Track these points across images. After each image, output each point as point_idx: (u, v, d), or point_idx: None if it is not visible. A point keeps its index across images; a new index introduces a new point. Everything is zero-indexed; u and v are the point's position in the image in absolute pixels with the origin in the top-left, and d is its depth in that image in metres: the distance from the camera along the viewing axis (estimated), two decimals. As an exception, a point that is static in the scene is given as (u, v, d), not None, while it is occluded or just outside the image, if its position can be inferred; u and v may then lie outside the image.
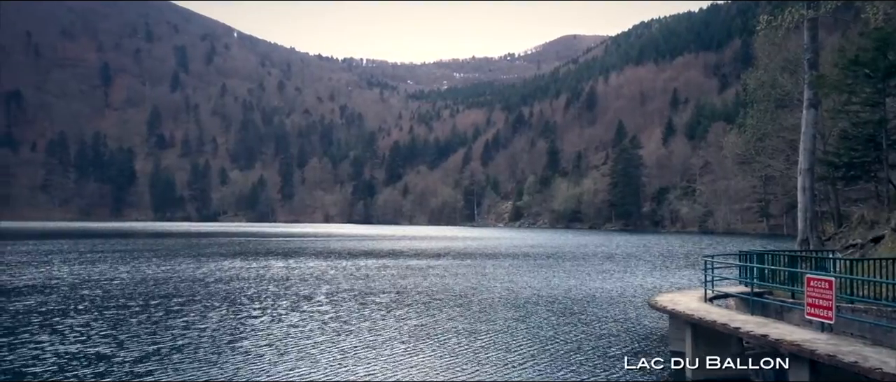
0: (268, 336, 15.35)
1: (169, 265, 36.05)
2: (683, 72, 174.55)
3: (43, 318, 17.59)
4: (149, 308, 19.67)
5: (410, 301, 21.76)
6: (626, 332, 16.66)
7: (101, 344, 14.19)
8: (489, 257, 45.57)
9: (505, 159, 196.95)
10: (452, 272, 33.28)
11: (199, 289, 24.54)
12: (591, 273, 33.38)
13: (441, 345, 14.59)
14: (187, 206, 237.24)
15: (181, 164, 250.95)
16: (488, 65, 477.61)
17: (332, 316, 18.27)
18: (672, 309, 13.53)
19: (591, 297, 23.50)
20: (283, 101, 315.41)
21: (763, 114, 35.47)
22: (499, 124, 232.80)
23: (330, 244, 65.46)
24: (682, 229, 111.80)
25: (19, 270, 31.97)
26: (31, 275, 29.42)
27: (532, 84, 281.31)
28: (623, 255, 48.09)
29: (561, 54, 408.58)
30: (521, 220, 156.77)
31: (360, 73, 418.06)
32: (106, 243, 63.07)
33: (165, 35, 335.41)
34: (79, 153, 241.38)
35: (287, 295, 22.92)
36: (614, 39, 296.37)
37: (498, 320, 18.10)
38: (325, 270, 33.69)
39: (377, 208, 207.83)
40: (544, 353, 13.92)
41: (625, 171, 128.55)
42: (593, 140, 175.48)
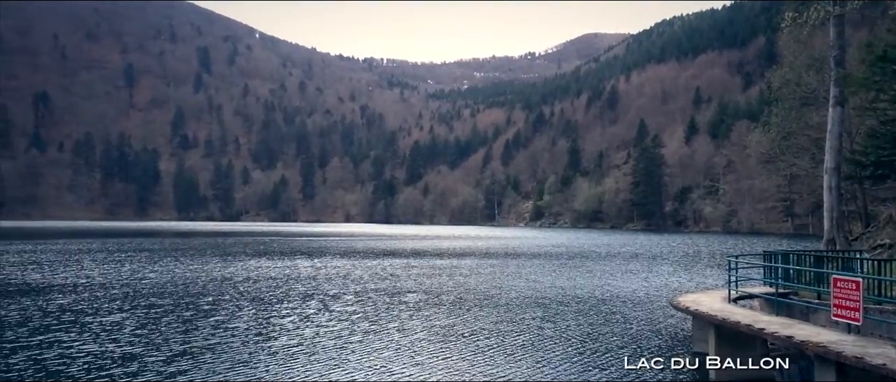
0: (297, 336, 15.39)
1: (196, 264, 36.42)
2: (706, 70, 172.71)
3: (75, 317, 17.82)
4: (179, 307, 19.86)
5: (438, 301, 21.78)
6: (648, 333, 16.56)
7: (133, 344, 14.34)
8: (512, 257, 45.51)
9: (525, 159, 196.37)
10: (477, 271, 33.30)
11: (227, 289, 24.73)
12: (615, 273, 33.21)
13: (470, 345, 14.60)
14: (210, 206, 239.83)
15: (204, 164, 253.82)
16: (509, 64, 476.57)
17: (361, 316, 18.31)
18: (695, 310, 13.42)
19: (614, 297, 23.41)
20: (304, 101, 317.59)
21: (788, 113, 34.97)
22: (519, 123, 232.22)
23: (353, 244, 65.71)
24: (705, 229, 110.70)
25: (51, 269, 32.55)
26: (63, 274, 29.92)
27: (553, 83, 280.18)
28: (646, 255, 47.76)
29: (582, 53, 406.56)
30: (542, 220, 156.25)
31: (381, 73, 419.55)
32: (132, 242, 63.98)
33: (188, 36, 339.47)
34: (104, 153, 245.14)
35: (315, 295, 22.98)
36: (636, 37, 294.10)
37: (524, 320, 18.13)
38: (350, 270, 33.82)
39: (398, 208, 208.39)
40: (568, 353, 13.90)
41: (647, 170, 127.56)
42: (615, 139, 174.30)
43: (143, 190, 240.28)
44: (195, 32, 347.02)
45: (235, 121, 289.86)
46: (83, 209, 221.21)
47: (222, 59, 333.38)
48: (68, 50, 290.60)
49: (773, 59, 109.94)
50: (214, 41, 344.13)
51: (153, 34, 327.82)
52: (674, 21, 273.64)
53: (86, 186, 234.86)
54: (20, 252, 45.76)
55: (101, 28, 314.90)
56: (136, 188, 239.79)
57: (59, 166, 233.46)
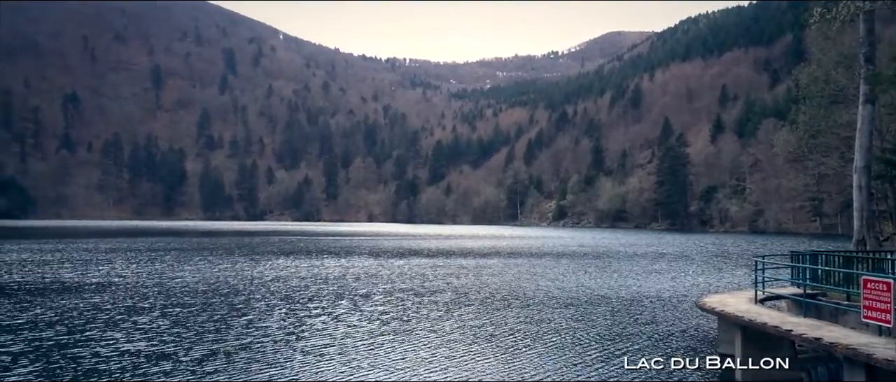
0: (329, 335, 15.47)
1: (226, 264, 36.81)
2: (732, 68, 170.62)
3: (109, 316, 18.10)
4: (210, 306, 20.06)
5: (467, 300, 21.81)
6: (674, 333, 16.46)
7: (166, 343, 14.49)
8: (537, 256, 45.44)
9: (548, 158, 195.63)
10: (504, 271, 33.33)
11: (257, 288, 24.94)
12: (640, 273, 33.03)
13: (501, 345, 14.64)
14: (235, 205, 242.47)
15: (229, 164, 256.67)
16: (531, 63, 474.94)
17: (391, 316, 18.37)
18: (721, 311, 13.30)
19: (639, 297, 23.31)
20: (327, 102, 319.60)
21: (816, 111, 34.43)
22: (542, 123, 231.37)
23: (379, 243, 65.98)
24: (731, 229, 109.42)
25: (84, 268, 33.15)
26: (96, 273, 30.45)
27: (576, 82, 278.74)
28: (671, 255, 47.39)
29: (605, 51, 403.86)
30: (565, 220, 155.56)
31: (404, 73, 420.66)
32: (161, 241, 64.90)
33: (214, 38, 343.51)
34: (132, 154, 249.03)
35: (345, 295, 23.10)
36: (660, 35, 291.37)
37: (552, 320, 18.18)
38: (378, 269, 33.96)
39: (420, 207, 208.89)
40: (595, 353, 13.93)
41: (671, 170, 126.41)
42: (638, 138, 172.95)
43: (169, 189, 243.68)
44: (220, 34, 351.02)
45: (260, 121, 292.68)
46: (112, 208, 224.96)
47: (247, 60, 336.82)
48: (97, 52, 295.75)
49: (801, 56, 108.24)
50: (239, 42, 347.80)
51: (179, 36, 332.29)
52: (699, 18, 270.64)
53: (114, 186, 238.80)
54: (53, 251, 46.70)
55: (129, 30, 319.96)
56: (162, 188, 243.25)
57: (89, 166, 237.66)
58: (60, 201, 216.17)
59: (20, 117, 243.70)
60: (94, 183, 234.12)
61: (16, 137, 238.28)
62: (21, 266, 33.83)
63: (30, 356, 13.08)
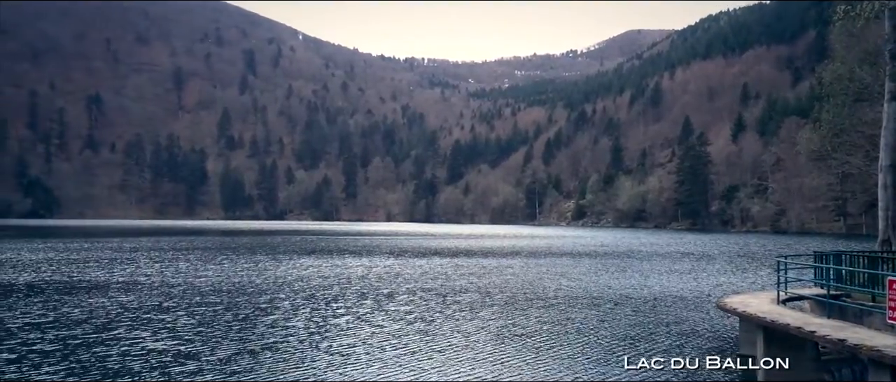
0: (354, 335, 15.54)
1: (249, 263, 37.12)
2: (754, 66, 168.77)
3: (136, 314, 18.35)
4: (235, 306, 20.21)
5: (491, 300, 21.86)
6: (695, 334, 16.40)
7: (193, 342, 14.63)
8: (558, 256, 45.39)
9: (567, 157, 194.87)
10: (526, 271, 33.37)
11: (281, 287, 25.11)
12: (661, 272, 32.89)
13: (527, 345, 14.70)
14: (255, 205, 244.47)
15: (249, 164, 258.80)
16: (550, 62, 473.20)
17: (416, 316, 18.42)
18: (743, 311, 13.22)
19: (660, 297, 23.23)
20: (346, 102, 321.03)
21: (840, 109, 33.95)
22: (561, 122, 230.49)
23: (399, 242, 66.18)
24: (752, 228, 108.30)
25: (109, 267, 33.66)
26: (121, 272, 30.91)
27: (595, 81, 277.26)
28: (692, 255, 47.06)
29: (624, 50, 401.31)
30: (584, 219, 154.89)
31: (422, 73, 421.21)
32: (184, 240, 65.66)
33: (234, 39, 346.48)
34: (154, 154, 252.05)
35: (369, 294, 23.21)
36: (680, 33, 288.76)
37: (575, 319, 18.26)
38: (401, 269, 34.09)
39: (439, 207, 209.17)
40: (618, 353, 13.95)
41: (692, 169, 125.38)
42: (658, 137, 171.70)
43: (191, 189, 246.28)
44: (241, 35, 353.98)
45: (279, 121, 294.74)
46: (134, 208, 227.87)
47: (267, 60, 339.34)
48: (120, 54, 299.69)
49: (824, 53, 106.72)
50: (259, 43, 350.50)
51: (200, 37, 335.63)
52: (720, 16, 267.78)
53: (136, 186, 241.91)
54: (79, 250, 47.45)
55: (151, 32, 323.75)
56: (184, 188, 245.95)
57: (112, 166, 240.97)
58: (84, 201, 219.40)
59: (45, 118, 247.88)
60: (116, 182, 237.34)
61: (41, 138, 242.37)
62: (49, 264, 34.44)
63: (59, 354, 13.31)
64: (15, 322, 16.90)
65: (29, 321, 17.07)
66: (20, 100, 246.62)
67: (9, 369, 12.04)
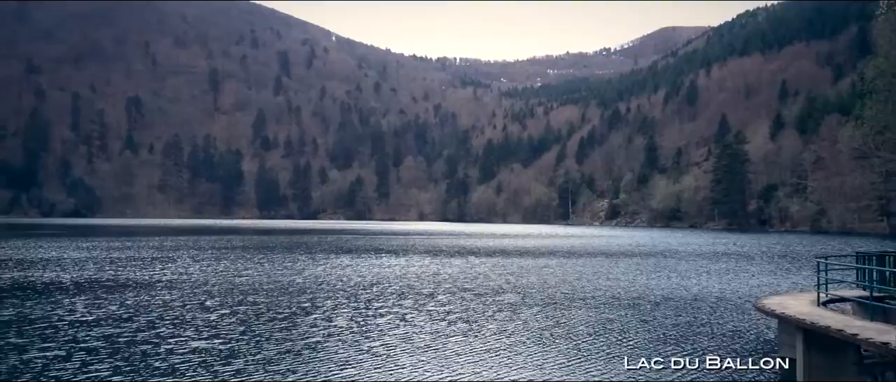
0: (396, 336, 15.62)
1: (288, 261, 37.59)
2: (793, 63, 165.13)
3: (179, 313, 18.74)
4: (277, 305, 20.42)
5: (531, 301, 21.92)
6: (732, 336, 16.28)
7: (237, 341, 14.82)
8: (595, 256, 45.20)
9: (600, 156, 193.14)
10: (564, 271, 33.36)
11: (321, 287, 25.36)
12: (699, 273, 32.62)
13: (567, 346, 14.79)
14: (289, 204, 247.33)
15: (284, 164, 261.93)
16: (583, 60, 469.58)
17: (457, 317, 18.43)
18: (781, 313, 13.09)
19: (699, 298, 23.13)
20: (379, 102, 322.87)
21: (883, 106, 33.18)
22: (594, 121, 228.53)
23: (434, 242, 66.34)
24: (791, 228, 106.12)
25: (152, 265, 34.49)
26: (164, 270, 31.65)
27: (629, 79, 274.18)
28: (729, 255, 46.43)
29: (659, 47, 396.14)
30: (618, 219, 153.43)
31: (454, 73, 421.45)
32: (222, 239, 66.79)
33: (269, 41, 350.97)
34: (191, 154, 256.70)
35: (408, 294, 23.35)
36: (716, 30, 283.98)
37: (614, 320, 18.38)
38: (438, 268, 34.21)
39: (471, 206, 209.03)
40: (657, 353, 13.99)
41: (729, 168, 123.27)
42: (694, 135, 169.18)
43: (227, 189, 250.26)
44: (275, 37, 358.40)
45: (313, 122, 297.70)
46: (172, 207, 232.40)
47: (301, 62, 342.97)
48: (158, 57, 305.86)
49: (866, 49, 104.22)
50: (293, 45, 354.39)
51: (236, 40, 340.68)
52: (757, 12, 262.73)
53: (175, 186, 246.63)
54: (122, 248, 48.67)
55: (189, 35, 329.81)
56: (220, 187, 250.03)
57: (150, 167, 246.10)
58: (124, 200, 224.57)
59: (87, 120, 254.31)
60: (155, 182, 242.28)
61: (83, 139, 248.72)
62: (93, 263, 35.45)
63: (105, 352, 13.66)
64: (63, 319, 17.38)
65: (76, 319, 17.52)
66: (64, 103, 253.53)
67: (58, 366, 12.34)
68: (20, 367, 12.27)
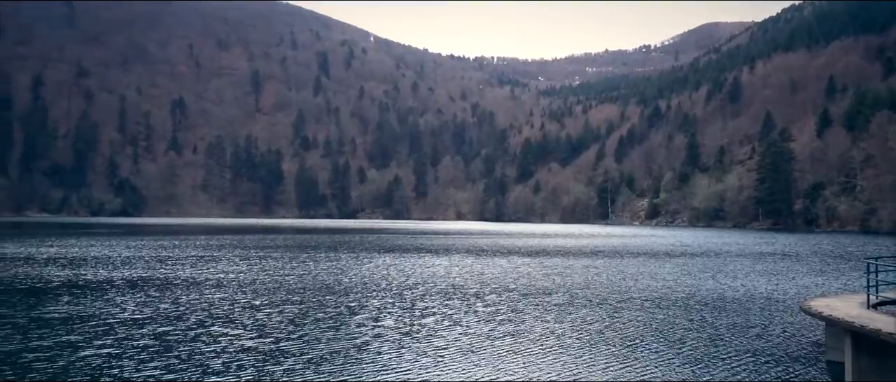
0: (444, 336, 15.68)
1: (333, 261, 37.99)
2: (841, 58, 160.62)
3: (227, 312, 19.11)
4: (324, 304, 20.66)
5: (579, 301, 21.95)
6: (778, 338, 16.08)
7: (286, 340, 15.01)
8: (639, 256, 44.88)
9: (640, 155, 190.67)
10: (610, 271, 33.29)
11: (367, 286, 25.58)
12: (744, 273, 32.22)
13: (617, 346, 14.84)
14: (329, 204, 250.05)
15: (323, 164, 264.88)
16: (622, 58, 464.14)
17: (506, 318, 18.41)
18: (829, 315, 12.90)
19: (745, 299, 22.93)
20: (417, 102, 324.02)
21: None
22: (634, 119, 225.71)
23: (475, 241, 66.41)
24: (839, 228, 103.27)
25: (199, 264, 35.36)
26: (211, 269, 32.39)
27: (669, 76, 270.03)
28: (775, 255, 45.55)
29: (701, 43, 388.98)
30: (658, 218, 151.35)
31: (491, 72, 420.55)
32: (266, 238, 67.95)
33: (308, 42, 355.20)
34: (233, 155, 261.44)
35: (455, 294, 23.41)
36: (760, 25, 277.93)
37: (660, 320, 18.41)
38: (483, 268, 34.24)
39: (508, 206, 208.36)
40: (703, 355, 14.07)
41: (774, 166, 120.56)
42: (737, 133, 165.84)
43: (268, 188, 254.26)
44: (314, 38, 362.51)
45: (352, 122, 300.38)
46: (215, 207, 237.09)
47: (339, 62, 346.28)
48: (202, 59, 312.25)
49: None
50: (332, 46, 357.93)
51: (276, 41, 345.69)
52: (803, 6, 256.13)
53: (217, 185, 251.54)
54: (169, 247, 49.97)
55: (231, 37, 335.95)
56: (261, 187, 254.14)
57: (194, 167, 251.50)
58: (169, 200, 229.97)
59: (133, 122, 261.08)
60: (198, 182, 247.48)
61: (130, 141, 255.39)
62: (143, 261, 36.52)
63: (156, 350, 13.98)
64: (115, 318, 17.80)
65: (128, 317, 17.95)
66: (111, 105, 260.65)
67: (112, 364, 12.61)
68: (75, 365, 12.55)
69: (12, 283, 25.69)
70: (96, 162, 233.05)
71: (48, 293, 23.02)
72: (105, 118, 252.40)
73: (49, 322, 16.96)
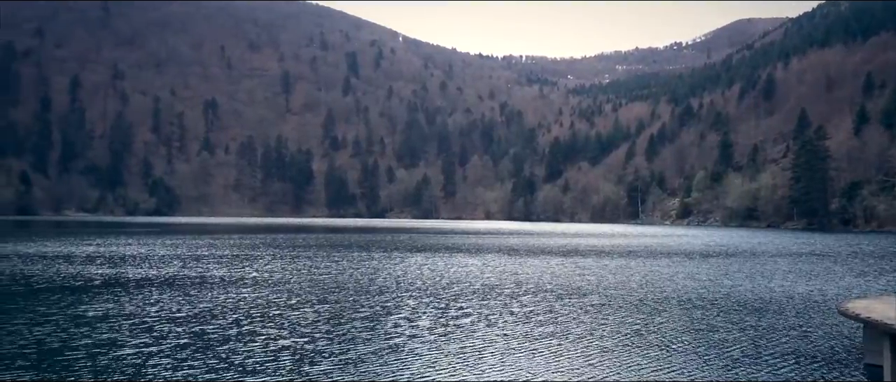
0: (482, 336, 15.64)
1: (366, 260, 38.15)
2: (879, 54, 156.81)
3: (264, 311, 19.35)
4: (360, 304, 20.72)
5: (616, 302, 21.86)
6: (815, 341, 15.88)
7: (324, 340, 15.07)
8: (674, 256, 44.50)
9: (671, 154, 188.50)
10: (645, 271, 33.08)
11: (402, 286, 25.68)
12: (783, 273, 31.79)
13: (655, 348, 14.79)
14: (358, 203, 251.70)
15: (352, 164, 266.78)
16: (653, 55, 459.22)
17: (543, 319, 18.33)
18: (867, 318, 12.73)
19: (781, 300, 22.68)
20: (445, 101, 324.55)
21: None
22: (665, 117, 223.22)
23: (506, 241, 66.31)
24: (878, 228, 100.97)
25: (234, 263, 35.91)
26: (246, 268, 32.81)
27: (701, 73, 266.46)
28: (811, 256, 44.79)
29: (733, 40, 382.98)
30: (690, 218, 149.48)
31: (520, 70, 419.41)
32: (298, 237, 68.64)
33: (338, 43, 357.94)
34: (264, 155, 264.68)
35: (490, 294, 23.37)
36: (795, 21, 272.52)
37: (701, 321, 18.34)
38: (517, 268, 34.18)
39: (537, 205, 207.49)
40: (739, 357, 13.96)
41: (809, 164, 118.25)
42: (771, 131, 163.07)
43: (298, 188, 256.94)
44: (344, 39, 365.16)
45: (381, 122, 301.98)
46: (247, 206, 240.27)
47: (368, 62, 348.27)
48: (233, 60, 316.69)
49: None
50: (361, 46, 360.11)
51: (306, 42, 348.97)
52: (839, 1, 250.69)
53: (248, 185, 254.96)
54: (204, 246, 50.84)
55: (261, 38, 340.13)
56: (292, 187, 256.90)
57: (226, 167, 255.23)
58: (202, 199, 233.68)
59: (167, 123, 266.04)
60: (230, 182, 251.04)
61: (163, 141, 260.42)
62: (180, 260, 37.25)
63: (195, 348, 14.18)
64: (153, 316, 18.10)
65: (166, 315, 18.27)
66: (145, 107, 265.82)
67: (151, 363, 12.78)
68: (116, 364, 12.75)
69: (54, 281, 26.43)
70: (131, 162, 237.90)
71: (89, 290, 23.63)
72: (139, 119, 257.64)
73: (90, 321, 17.33)
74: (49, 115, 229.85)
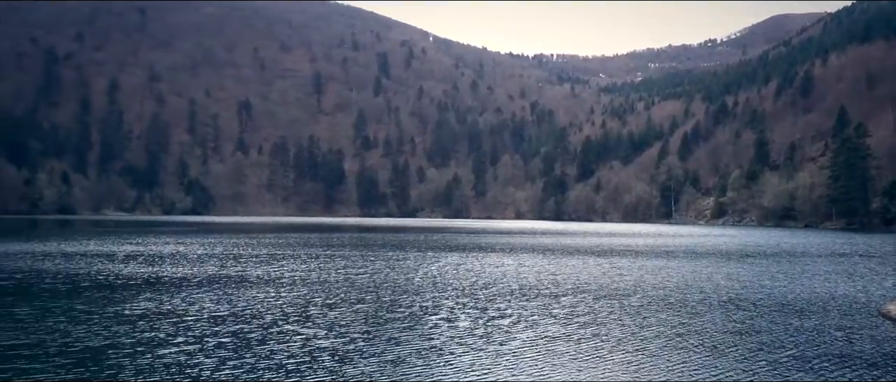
0: (523, 337, 15.57)
1: (401, 260, 38.16)
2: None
3: (301, 311, 19.43)
4: (397, 304, 20.74)
5: (657, 303, 21.65)
6: (855, 343, 15.55)
7: (361, 341, 15.08)
8: (707, 256, 43.85)
9: (705, 152, 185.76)
10: (682, 272, 32.66)
11: (438, 286, 25.60)
12: (824, 274, 31.19)
13: (698, 349, 14.67)
14: (389, 203, 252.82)
15: (383, 164, 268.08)
16: (686, 53, 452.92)
17: (583, 320, 18.19)
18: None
19: (822, 301, 22.27)
20: (476, 101, 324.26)
21: None
22: (698, 115, 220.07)
23: (538, 240, 65.92)
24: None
25: (270, 263, 36.26)
26: (283, 268, 33.10)
27: (736, 71, 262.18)
28: (854, 256, 43.82)
29: (769, 36, 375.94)
30: (725, 218, 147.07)
31: (551, 69, 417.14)
32: (332, 237, 69.15)
33: (369, 43, 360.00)
34: (296, 155, 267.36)
35: (529, 295, 23.27)
36: (834, 16, 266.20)
37: (740, 321, 18.16)
38: (554, 268, 33.95)
39: (568, 204, 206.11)
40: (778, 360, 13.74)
41: (848, 163, 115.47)
42: (809, 129, 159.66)
43: (329, 188, 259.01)
44: (375, 39, 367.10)
45: (411, 121, 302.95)
46: (279, 206, 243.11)
47: (399, 62, 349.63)
48: (266, 62, 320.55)
49: None
50: (392, 46, 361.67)
51: (337, 43, 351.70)
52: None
53: (281, 185, 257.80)
54: (241, 245, 51.50)
55: (294, 40, 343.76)
56: (323, 186, 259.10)
57: (259, 167, 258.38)
58: (236, 199, 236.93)
59: (202, 124, 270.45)
60: (264, 182, 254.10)
61: (198, 142, 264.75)
62: (217, 259, 37.79)
63: (233, 348, 14.30)
64: (193, 315, 18.30)
65: (206, 315, 18.43)
66: (181, 108, 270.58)
67: (191, 363, 12.90)
68: (157, 363, 12.86)
69: (96, 279, 26.98)
70: (168, 162, 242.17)
71: (130, 289, 24.09)
72: (176, 120, 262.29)
73: (130, 319, 17.58)
74: (88, 117, 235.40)
